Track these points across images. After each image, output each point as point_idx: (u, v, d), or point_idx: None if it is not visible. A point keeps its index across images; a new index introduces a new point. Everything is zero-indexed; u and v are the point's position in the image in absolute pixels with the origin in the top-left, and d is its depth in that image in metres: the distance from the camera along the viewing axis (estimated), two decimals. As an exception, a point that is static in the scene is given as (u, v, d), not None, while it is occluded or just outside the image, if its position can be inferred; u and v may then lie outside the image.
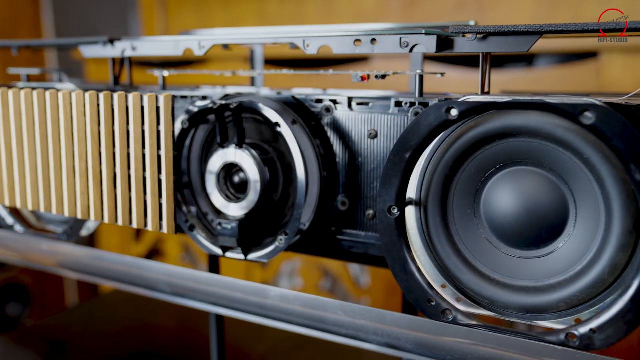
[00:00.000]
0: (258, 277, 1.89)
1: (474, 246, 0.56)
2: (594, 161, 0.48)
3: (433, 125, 0.52)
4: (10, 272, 2.14)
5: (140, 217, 0.61)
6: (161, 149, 0.58)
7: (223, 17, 1.98)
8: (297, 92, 0.69)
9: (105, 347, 1.04)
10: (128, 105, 0.59)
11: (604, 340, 0.48)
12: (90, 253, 0.77)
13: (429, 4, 1.66)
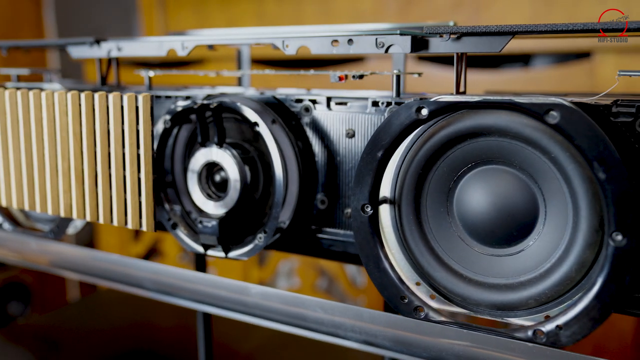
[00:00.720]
0: (255, 276, 1.90)
1: (447, 244, 0.56)
2: (561, 160, 0.49)
3: (404, 125, 0.52)
4: (11, 272, 2.15)
5: (121, 215, 0.62)
6: (140, 148, 0.59)
7: (221, 17, 1.99)
8: (280, 92, 0.70)
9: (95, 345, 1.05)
10: (108, 105, 0.60)
11: (569, 337, 0.49)
12: (77, 251, 0.78)
13: (426, 3, 1.67)
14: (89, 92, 0.61)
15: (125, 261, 0.78)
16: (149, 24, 2.16)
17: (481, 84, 1.45)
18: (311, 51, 0.63)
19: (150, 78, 0.78)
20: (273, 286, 1.87)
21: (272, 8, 1.91)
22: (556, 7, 1.50)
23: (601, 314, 0.47)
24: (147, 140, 0.59)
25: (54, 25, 2.45)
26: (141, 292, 0.78)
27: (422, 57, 1.55)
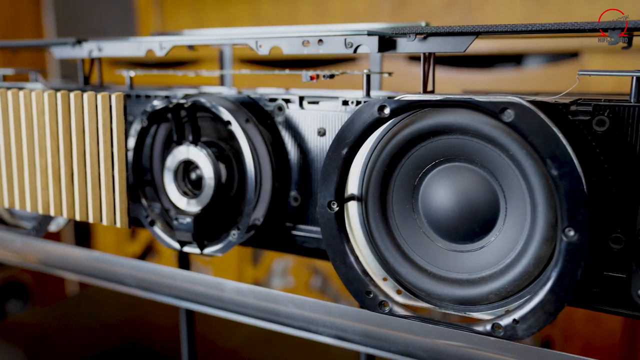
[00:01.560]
0: (250, 275, 1.91)
1: (412, 240, 0.57)
2: (519, 157, 0.50)
3: (367, 123, 0.53)
4: (10, 271, 2.17)
5: (96, 212, 0.64)
6: (114, 146, 0.60)
7: (218, 17, 2.01)
8: (256, 91, 0.71)
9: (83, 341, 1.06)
10: (83, 104, 0.61)
11: (526, 330, 0.50)
12: (59, 248, 0.80)
13: (419, 4, 1.68)
14: (65, 92, 0.63)
15: (107, 258, 0.80)
16: (146, 25, 2.17)
17: (476, 83, 1.46)
18: (283, 51, 0.65)
19: (131, 78, 0.79)
20: (267, 285, 1.90)
21: (267, 9, 1.93)
22: (548, 7, 1.51)
23: (555, 307, 0.48)
24: (121, 139, 0.60)
25: (54, 25, 2.47)
26: (122, 288, 0.79)
27: (413, 57, 1.56)
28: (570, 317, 1.43)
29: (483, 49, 1.41)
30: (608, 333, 1.43)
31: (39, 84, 0.78)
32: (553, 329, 1.46)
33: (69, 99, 0.61)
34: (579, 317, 1.43)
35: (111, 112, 0.60)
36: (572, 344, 1.45)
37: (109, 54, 0.76)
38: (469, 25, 0.55)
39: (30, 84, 0.80)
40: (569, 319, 1.43)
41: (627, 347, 1.42)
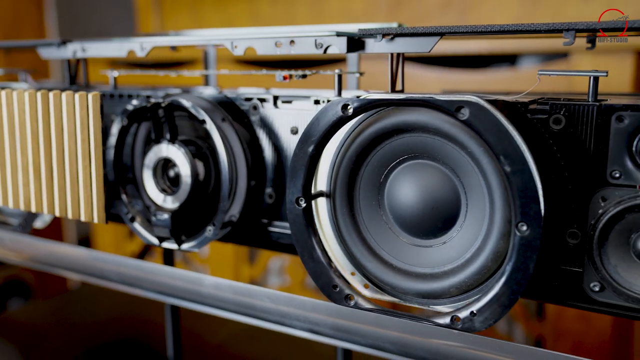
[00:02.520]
0: (246, 274, 1.93)
1: (379, 235, 0.59)
2: (477, 154, 0.52)
3: (331, 121, 0.55)
4: (12, 270, 2.19)
5: (75, 208, 0.66)
6: (91, 144, 0.62)
7: (216, 18, 2.03)
8: (234, 91, 0.73)
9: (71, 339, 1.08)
10: (62, 103, 0.63)
11: (482, 322, 0.51)
12: (43, 245, 0.82)
13: (415, 4, 1.69)
14: (44, 91, 0.65)
15: (92, 255, 0.82)
16: (145, 25, 2.19)
17: (471, 83, 1.47)
18: (257, 52, 0.66)
19: (115, 78, 0.81)
20: (264, 284, 1.91)
21: (266, 9, 1.94)
22: (543, 6, 1.52)
23: (510, 300, 0.50)
24: (97, 137, 0.62)
25: (56, 26, 2.49)
26: (106, 283, 0.81)
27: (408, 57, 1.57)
28: (561, 316, 1.44)
29: (476, 49, 1.42)
30: (598, 332, 1.44)
31: (24, 84, 0.80)
32: (544, 327, 1.47)
33: (48, 99, 0.63)
34: (570, 316, 1.44)
35: (88, 111, 0.61)
36: (563, 343, 1.46)
37: (93, 55, 0.78)
38: (433, 26, 0.57)
39: (16, 84, 0.82)
40: (560, 318, 1.44)
41: (617, 346, 1.43)
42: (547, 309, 1.47)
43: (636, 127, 0.48)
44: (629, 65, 1.32)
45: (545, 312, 1.46)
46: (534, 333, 1.47)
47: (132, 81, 1.25)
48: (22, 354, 1.07)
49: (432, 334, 0.56)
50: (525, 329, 1.49)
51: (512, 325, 1.52)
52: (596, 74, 0.53)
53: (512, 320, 1.52)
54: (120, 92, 0.78)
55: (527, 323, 1.48)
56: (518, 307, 1.48)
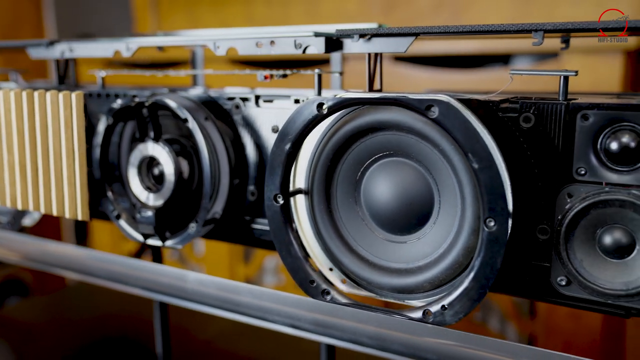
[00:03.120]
0: (241, 273, 1.94)
1: (355, 232, 0.60)
2: (448, 152, 0.53)
3: (307, 119, 0.56)
4: (10, 269, 2.20)
5: (60, 205, 0.67)
6: (74, 142, 0.64)
7: (212, 19, 2.04)
8: (217, 91, 0.74)
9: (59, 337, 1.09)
10: (46, 103, 0.64)
11: (453, 316, 0.52)
12: (31, 242, 0.83)
13: (408, 5, 1.70)
14: (29, 91, 0.66)
15: (80, 252, 0.83)
16: (143, 25, 2.21)
17: (464, 83, 1.49)
18: (238, 52, 0.68)
19: (103, 78, 0.82)
20: (259, 283, 1.93)
21: (261, 10, 1.96)
22: (534, 7, 1.54)
23: (479, 294, 0.51)
24: (81, 135, 0.63)
25: (54, 26, 2.51)
26: (93, 279, 0.83)
27: (398, 57, 1.59)
28: (552, 314, 1.45)
29: (471, 49, 1.43)
30: (589, 330, 1.45)
31: (13, 84, 0.81)
32: (536, 326, 1.48)
33: (33, 98, 0.65)
34: (561, 315, 1.45)
35: (72, 110, 0.63)
36: (554, 341, 1.47)
37: (80, 55, 0.80)
38: (407, 27, 0.58)
39: (6, 84, 0.83)
40: (551, 316, 1.45)
41: (607, 344, 1.44)
42: (539, 308, 1.48)
43: (601, 125, 0.49)
44: (618, 65, 1.34)
45: (536, 310, 1.47)
46: (527, 332, 1.48)
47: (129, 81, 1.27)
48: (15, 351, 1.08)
49: (408, 329, 0.58)
50: (518, 327, 1.50)
51: (505, 324, 1.53)
52: (566, 74, 0.54)
53: (505, 320, 1.53)
54: (107, 92, 0.79)
55: (519, 322, 1.50)
56: (510, 306, 1.50)
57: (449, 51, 1.41)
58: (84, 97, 0.64)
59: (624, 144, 0.48)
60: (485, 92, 0.67)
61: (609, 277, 0.49)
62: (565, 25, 0.52)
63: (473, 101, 0.54)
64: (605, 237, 0.49)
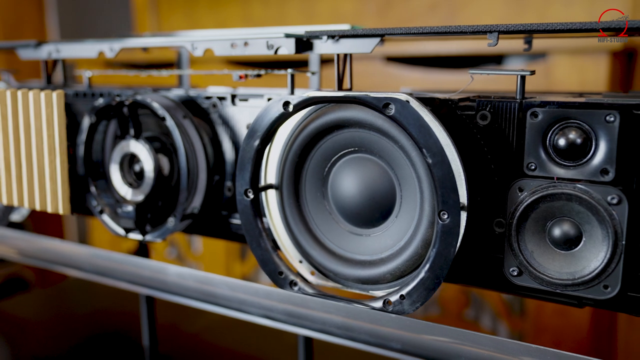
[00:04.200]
0: (238, 271, 1.97)
1: (323, 225, 0.63)
2: (407, 148, 0.55)
3: (274, 117, 0.59)
4: (12, 267, 2.23)
5: (43, 200, 0.70)
6: (56, 140, 0.66)
7: (210, 19, 2.07)
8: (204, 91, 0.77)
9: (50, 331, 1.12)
10: (29, 101, 0.67)
11: (411, 305, 0.55)
12: (20, 236, 0.86)
13: (403, 6, 1.73)
14: (13, 90, 0.69)
15: (66, 246, 0.86)
16: (142, 26, 2.24)
17: (457, 83, 1.51)
18: (214, 53, 0.70)
19: (89, 78, 0.85)
20: (255, 280, 1.95)
21: (258, 11, 1.98)
22: (528, 8, 1.56)
23: (434, 284, 0.53)
24: (62, 133, 0.66)
25: (57, 26, 2.54)
26: (78, 273, 0.85)
27: (390, 57, 1.61)
28: (540, 312, 1.47)
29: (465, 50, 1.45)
30: (577, 327, 1.47)
31: (1, 84, 0.84)
32: (525, 324, 1.50)
33: (17, 97, 0.67)
34: (548, 312, 1.47)
35: (53, 109, 0.65)
36: (543, 338, 1.49)
37: (66, 56, 0.82)
38: (373, 28, 0.60)
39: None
40: (540, 314, 1.47)
41: (594, 341, 1.46)
42: (527, 307, 1.50)
43: (550, 122, 0.51)
44: (604, 66, 1.35)
45: (525, 308, 1.49)
46: (517, 330, 1.50)
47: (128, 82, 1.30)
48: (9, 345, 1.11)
49: (374, 319, 0.60)
50: (509, 326, 1.52)
51: (497, 322, 1.55)
52: (522, 73, 0.56)
53: (497, 318, 1.55)
54: (92, 91, 0.82)
55: (510, 320, 1.52)
56: (501, 305, 1.52)
57: (442, 52, 1.43)
58: (65, 96, 0.66)
59: (570, 140, 0.50)
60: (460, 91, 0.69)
61: (557, 267, 0.51)
62: (519, 27, 0.54)
63: (432, 99, 0.57)
64: (554, 229, 0.51)
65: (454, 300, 1.58)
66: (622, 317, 1.51)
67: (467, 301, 1.57)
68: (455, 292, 1.55)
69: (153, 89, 0.83)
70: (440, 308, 1.59)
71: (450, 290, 1.55)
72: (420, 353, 0.61)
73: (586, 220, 0.50)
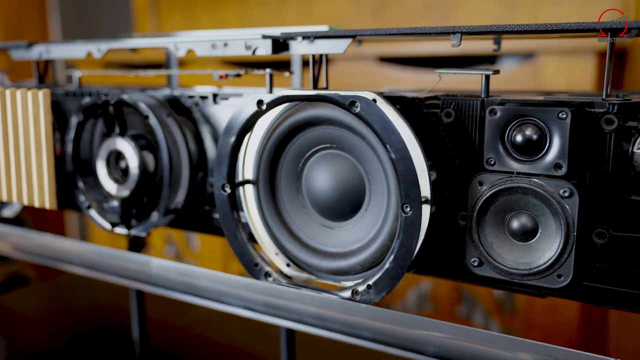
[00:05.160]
0: (235, 269, 1.99)
1: (297, 219, 0.65)
2: (374, 144, 0.58)
3: (248, 115, 0.61)
4: (14, 266, 2.26)
5: (30, 195, 0.73)
6: (42, 137, 0.69)
7: (209, 20, 2.10)
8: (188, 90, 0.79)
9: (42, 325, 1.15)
10: (17, 100, 0.70)
11: (377, 294, 0.57)
12: (14, 231, 0.89)
13: (398, 7, 1.75)
14: (2, 90, 0.72)
15: (55, 241, 0.88)
16: (142, 27, 2.27)
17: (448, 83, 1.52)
18: (196, 54, 0.73)
19: (79, 78, 0.88)
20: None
21: (256, 12, 2.01)
22: (519, 8, 1.58)
23: (399, 273, 0.56)
24: (48, 130, 0.69)
25: (59, 27, 2.57)
26: (67, 266, 0.88)
27: (383, 58, 1.63)
28: (530, 309, 1.49)
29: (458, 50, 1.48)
30: (566, 324, 1.49)
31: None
32: (516, 321, 1.52)
33: (5, 96, 0.70)
34: (538, 310, 1.49)
35: (39, 107, 0.68)
36: (533, 335, 1.51)
37: (56, 56, 0.85)
38: (345, 30, 0.63)
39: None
40: (530, 310, 1.49)
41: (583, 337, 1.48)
42: (518, 303, 1.52)
43: (507, 119, 0.54)
44: (590, 66, 1.37)
45: (516, 306, 1.51)
46: (508, 326, 1.52)
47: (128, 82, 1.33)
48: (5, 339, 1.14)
49: (347, 309, 0.63)
50: (501, 323, 1.54)
51: (488, 319, 1.58)
52: (486, 73, 0.58)
53: (489, 316, 1.57)
54: (82, 91, 0.84)
55: (501, 317, 1.54)
56: (493, 302, 1.54)
57: (435, 52, 1.45)
58: (56, 96, 0.69)
59: (526, 136, 0.52)
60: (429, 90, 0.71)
61: (515, 257, 0.54)
62: (481, 29, 0.57)
63: (400, 98, 0.59)
64: (513, 221, 0.54)
65: (446, 298, 1.60)
66: (614, 314, 1.52)
67: (460, 298, 1.60)
68: (447, 289, 1.58)
69: (141, 88, 0.86)
70: (433, 305, 1.61)
71: (443, 288, 1.58)
72: (389, 342, 0.63)
73: (541, 213, 0.52)
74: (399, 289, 1.65)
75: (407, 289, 1.65)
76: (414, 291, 1.66)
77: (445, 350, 0.60)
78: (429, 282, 1.60)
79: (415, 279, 1.61)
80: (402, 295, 1.66)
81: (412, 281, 1.63)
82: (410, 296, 1.66)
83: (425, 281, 1.61)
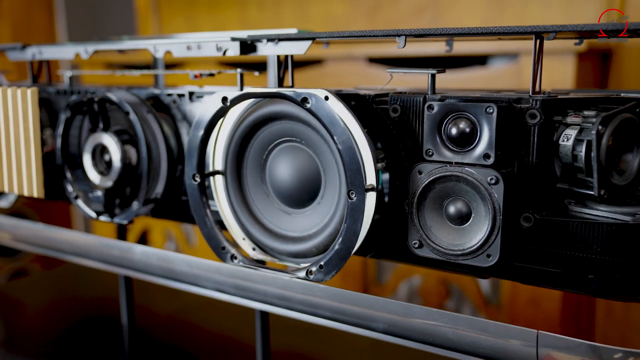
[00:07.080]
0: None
1: (262, 206, 0.71)
2: (326, 137, 0.63)
3: (214, 110, 0.67)
4: (20, 262, 2.33)
5: (20, 185, 0.79)
6: (31, 131, 0.75)
7: (209, 22, 2.16)
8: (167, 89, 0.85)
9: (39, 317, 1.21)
10: (7, 97, 0.76)
11: (327, 273, 0.63)
12: (10, 221, 0.95)
13: (391, 9, 1.80)
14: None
15: (47, 230, 0.95)
16: (145, 29, 2.33)
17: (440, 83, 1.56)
18: (173, 55, 0.79)
19: (70, 77, 0.94)
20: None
21: (254, 14, 2.07)
22: (507, 10, 1.62)
23: (346, 254, 0.61)
24: (36, 125, 0.75)
25: (65, 29, 2.65)
26: (59, 254, 0.94)
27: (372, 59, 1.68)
28: (513, 303, 1.54)
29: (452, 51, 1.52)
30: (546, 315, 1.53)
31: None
32: (500, 313, 1.57)
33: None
34: (520, 303, 1.53)
35: (28, 104, 0.74)
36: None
37: (48, 57, 0.91)
38: (306, 32, 0.69)
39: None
40: (513, 304, 1.54)
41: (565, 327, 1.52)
42: (503, 297, 1.57)
43: (444, 114, 0.59)
44: (570, 66, 1.42)
45: (501, 300, 1.56)
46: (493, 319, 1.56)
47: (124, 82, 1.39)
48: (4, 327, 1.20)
49: (306, 289, 0.68)
50: (487, 316, 1.59)
51: (476, 313, 1.62)
52: (432, 72, 0.64)
53: (476, 310, 1.62)
54: (72, 89, 0.91)
55: (487, 311, 1.58)
56: (479, 297, 1.59)
57: (424, 53, 1.49)
58: (48, 94, 0.75)
59: (459, 129, 0.58)
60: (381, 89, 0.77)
61: (451, 240, 0.59)
62: (423, 31, 0.62)
63: (353, 95, 0.65)
64: (449, 207, 0.59)
65: (434, 292, 1.65)
66: (600, 308, 1.57)
67: (447, 293, 1.64)
68: (435, 283, 1.63)
69: (130, 87, 0.92)
70: (422, 299, 1.66)
71: (431, 282, 1.63)
72: (345, 320, 0.69)
73: (473, 199, 0.58)
74: (390, 283, 1.70)
75: (397, 284, 1.70)
76: (405, 286, 1.71)
77: (394, 326, 0.66)
78: (419, 277, 1.65)
79: (405, 273, 1.67)
80: (394, 289, 1.72)
81: (402, 276, 1.68)
82: (400, 290, 1.71)
83: (415, 276, 1.66)
